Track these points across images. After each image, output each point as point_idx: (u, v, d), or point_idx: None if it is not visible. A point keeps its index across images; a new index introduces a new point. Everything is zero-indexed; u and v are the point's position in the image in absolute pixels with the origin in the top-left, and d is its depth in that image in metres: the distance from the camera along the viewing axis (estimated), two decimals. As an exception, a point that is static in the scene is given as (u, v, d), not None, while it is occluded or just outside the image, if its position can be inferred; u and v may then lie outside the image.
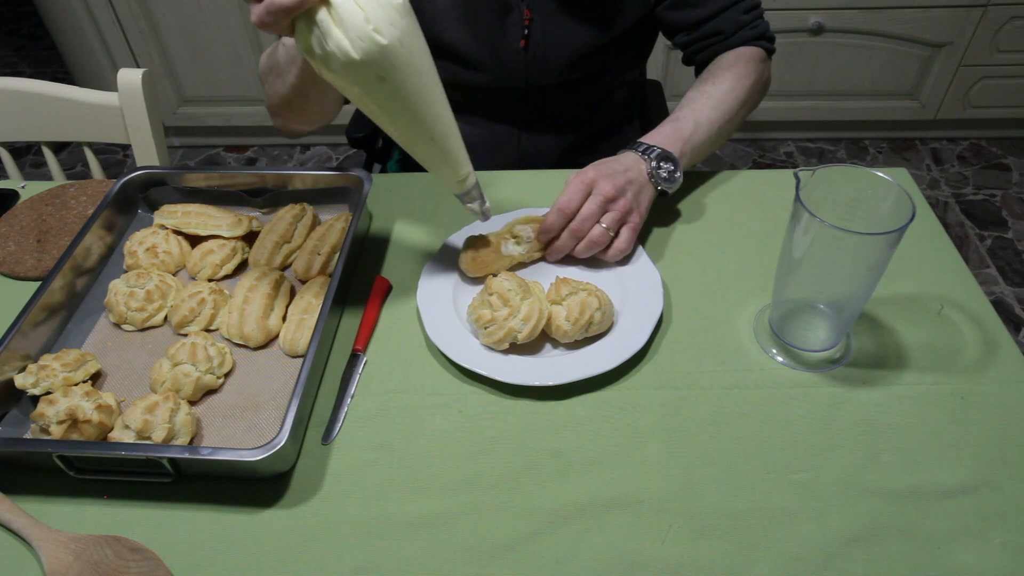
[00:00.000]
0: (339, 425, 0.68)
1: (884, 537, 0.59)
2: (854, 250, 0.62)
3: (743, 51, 0.95)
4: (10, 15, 3.24)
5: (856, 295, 0.67)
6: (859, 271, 0.64)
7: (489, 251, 0.79)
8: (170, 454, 0.61)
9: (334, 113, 0.91)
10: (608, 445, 0.66)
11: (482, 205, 0.76)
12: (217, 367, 0.71)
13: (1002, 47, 2.07)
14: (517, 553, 0.59)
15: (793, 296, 0.72)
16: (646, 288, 0.77)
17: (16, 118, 1.13)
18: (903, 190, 0.63)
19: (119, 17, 2.11)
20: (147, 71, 1.09)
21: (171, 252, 0.83)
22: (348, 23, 0.57)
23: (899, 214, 0.62)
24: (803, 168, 0.65)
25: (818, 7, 2.00)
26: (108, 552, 0.59)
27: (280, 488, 0.64)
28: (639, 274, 0.79)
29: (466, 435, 0.67)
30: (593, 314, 0.71)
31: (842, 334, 0.72)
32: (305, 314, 0.75)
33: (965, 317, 0.76)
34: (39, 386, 0.68)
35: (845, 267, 0.64)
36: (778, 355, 0.73)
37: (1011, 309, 1.85)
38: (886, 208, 0.64)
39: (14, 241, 0.88)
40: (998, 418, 0.67)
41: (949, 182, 2.23)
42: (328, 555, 0.59)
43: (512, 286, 0.72)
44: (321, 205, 0.90)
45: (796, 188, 0.63)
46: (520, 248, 0.80)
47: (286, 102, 0.85)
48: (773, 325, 0.74)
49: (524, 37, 0.95)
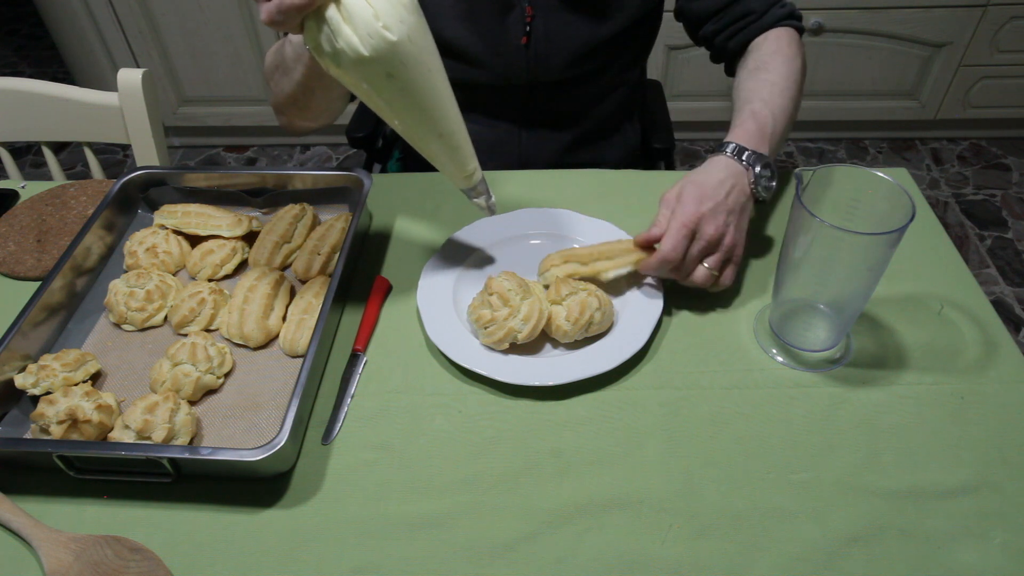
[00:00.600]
0: (339, 425, 0.68)
1: (884, 537, 0.59)
2: (854, 250, 0.62)
3: (780, 33, 0.90)
4: (10, 15, 3.24)
5: (856, 295, 0.67)
6: (859, 271, 0.64)
7: (584, 272, 0.76)
8: (170, 454, 0.61)
9: (340, 110, 0.91)
10: (608, 445, 0.66)
11: (488, 200, 0.76)
12: (217, 367, 0.71)
13: (1002, 47, 2.07)
14: (517, 553, 0.59)
15: (793, 296, 0.72)
16: (646, 288, 0.77)
17: (16, 118, 1.13)
18: (903, 190, 0.63)
19: (119, 17, 2.11)
20: (147, 71, 1.09)
21: (171, 252, 0.83)
22: (358, 20, 0.57)
23: (899, 214, 0.62)
24: (803, 168, 0.65)
25: (818, 7, 2.00)
26: (108, 552, 0.59)
27: (280, 488, 0.64)
28: (639, 274, 0.78)
29: (466, 435, 0.67)
30: (593, 314, 0.71)
31: (842, 334, 0.72)
32: (305, 314, 0.75)
33: (965, 317, 0.76)
34: (39, 386, 0.68)
35: (845, 267, 0.64)
36: (778, 355, 0.73)
37: (1011, 309, 1.85)
38: (886, 208, 0.64)
39: (14, 241, 0.88)
40: (998, 418, 0.67)
41: (949, 182, 2.23)
42: (328, 555, 0.59)
43: (512, 286, 0.72)
44: (321, 205, 0.90)
45: (796, 188, 0.63)
46: (622, 272, 0.77)
47: (291, 99, 0.85)
48: (773, 325, 0.74)
49: (526, 34, 0.94)
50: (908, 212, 0.61)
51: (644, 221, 0.81)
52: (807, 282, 0.68)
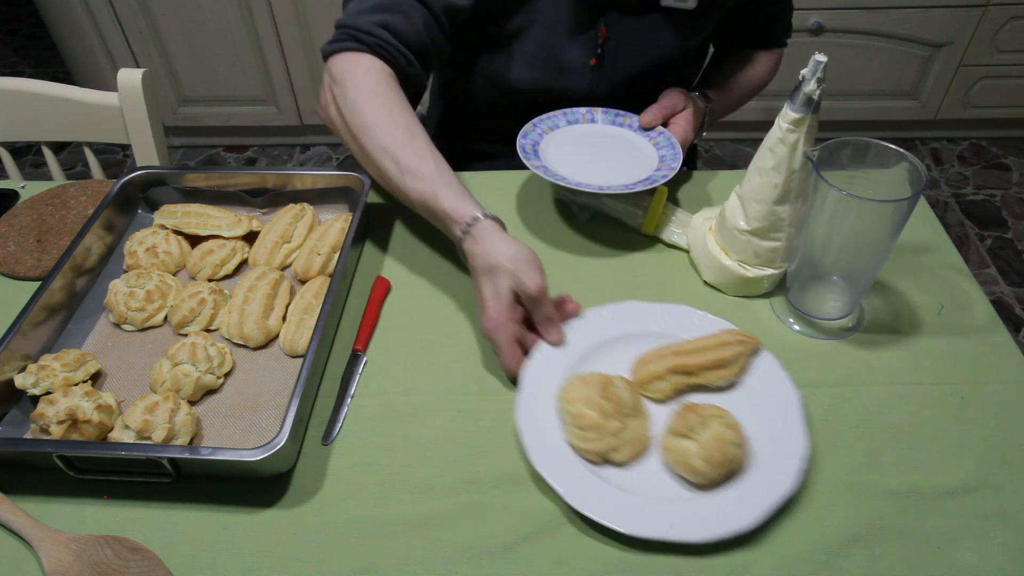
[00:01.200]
0: (339, 425, 0.68)
1: (884, 537, 0.59)
2: (870, 218, 0.64)
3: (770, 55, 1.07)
4: (10, 15, 3.24)
5: (871, 264, 0.70)
6: (872, 239, 0.67)
7: (692, 382, 0.68)
8: (170, 454, 0.61)
9: None
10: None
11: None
12: (217, 367, 0.71)
13: (1002, 47, 2.07)
14: (517, 553, 0.59)
15: (810, 266, 0.73)
16: (767, 385, 0.67)
17: (16, 118, 1.13)
18: (912, 160, 0.65)
19: (119, 17, 2.11)
20: (147, 71, 1.09)
21: (171, 252, 0.83)
22: None
23: (910, 183, 0.65)
24: (813, 148, 0.67)
25: (818, 7, 2.00)
26: (108, 552, 0.59)
27: (280, 488, 0.64)
28: (772, 390, 0.67)
29: (466, 435, 0.67)
30: (729, 449, 0.60)
31: (855, 303, 0.75)
32: (305, 314, 0.75)
33: (965, 317, 0.76)
34: (39, 386, 0.68)
35: (859, 236, 0.67)
36: (795, 324, 0.75)
37: (1011, 309, 1.85)
38: (896, 178, 0.66)
39: (14, 241, 0.88)
40: (998, 418, 0.67)
41: (949, 182, 2.23)
42: (328, 555, 0.59)
43: (627, 397, 0.64)
44: (321, 205, 0.90)
45: (814, 165, 0.65)
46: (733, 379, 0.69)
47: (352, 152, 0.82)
48: (790, 297, 0.76)
49: (596, 56, 0.93)
50: (920, 180, 0.63)
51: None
52: (823, 252, 0.70)
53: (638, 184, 0.81)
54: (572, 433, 0.63)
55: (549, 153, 0.87)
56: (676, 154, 0.86)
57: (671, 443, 0.62)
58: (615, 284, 0.81)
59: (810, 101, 0.65)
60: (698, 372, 0.67)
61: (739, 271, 0.76)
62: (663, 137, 0.89)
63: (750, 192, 0.73)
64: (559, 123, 0.92)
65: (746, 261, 0.76)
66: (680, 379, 0.67)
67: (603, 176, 0.83)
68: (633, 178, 0.83)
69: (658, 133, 0.90)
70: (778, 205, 0.71)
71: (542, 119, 0.91)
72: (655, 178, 0.82)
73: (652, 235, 0.85)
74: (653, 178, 0.82)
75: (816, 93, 0.65)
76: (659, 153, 0.88)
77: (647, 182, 0.82)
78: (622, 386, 0.64)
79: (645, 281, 0.81)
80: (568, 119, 0.92)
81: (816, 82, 0.64)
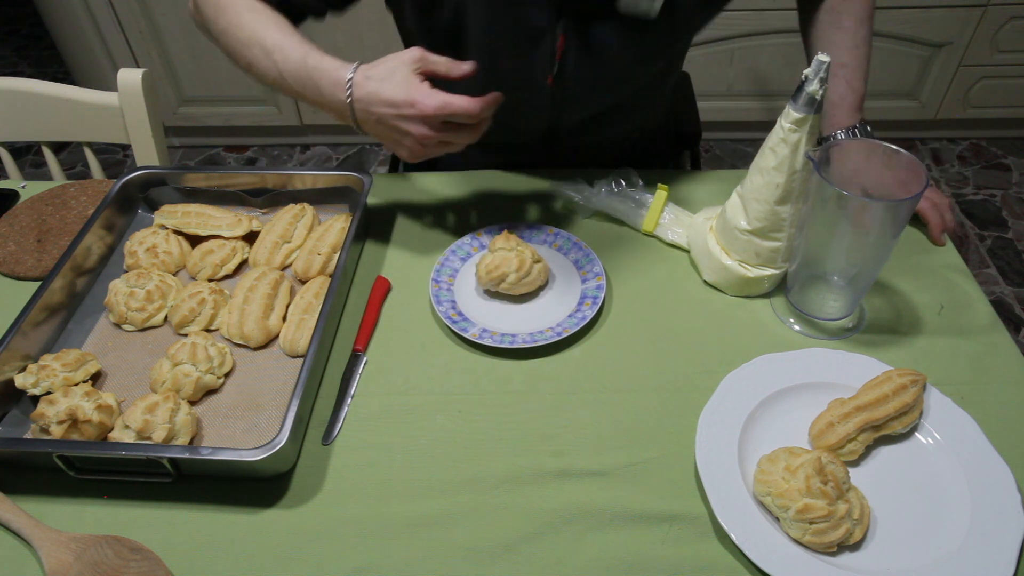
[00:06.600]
0: (339, 425, 0.68)
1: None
2: (870, 219, 0.65)
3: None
4: (10, 15, 3.24)
5: (870, 264, 0.70)
6: (873, 239, 0.67)
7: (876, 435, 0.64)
8: (170, 454, 0.61)
9: None
10: (609, 444, 0.66)
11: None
12: (217, 367, 0.71)
13: (1002, 47, 2.07)
14: (517, 553, 0.59)
15: (809, 267, 0.73)
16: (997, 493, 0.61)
17: (16, 118, 1.13)
18: (913, 159, 0.64)
19: (119, 17, 2.10)
20: (147, 71, 1.09)
21: (171, 252, 0.83)
22: None
23: (912, 183, 0.64)
24: (814, 148, 0.67)
25: (818, 7, 2.00)
26: (108, 552, 0.59)
27: (280, 488, 0.64)
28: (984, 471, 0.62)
29: (466, 435, 0.67)
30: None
31: (855, 304, 0.75)
32: (305, 314, 0.75)
33: (965, 317, 0.76)
34: (39, 386, 0.68)
35: (860, 236, 0.67)
36: (795, 324, 0.75)
37: (1011, 309, 1.85)
38: (896, 178, 0.66)
39: (14, 241, 0.88)
40: (998, 418, 0.67)
41: (949, 182, 2.23)
42: (328, 555, 0.59)
43: (841, 471, 0.59)
44: (321, 205, 0.90)
45: (815, 167, 0.65)
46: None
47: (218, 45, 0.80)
48: (790, 297, 0.76)
49: (552, 73, 0.82)
50: (922, 181, 0.63)
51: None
52: (824, 253, 0.70)
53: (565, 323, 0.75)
54: (798, 529, 0.57)
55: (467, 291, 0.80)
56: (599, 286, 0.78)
57: None
58: (615, 284, 0.81)
59: (812, 101, 0.65)
60: (885, 423, 0.64)
61: (740, 271, 0.76)
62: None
63: (751, 192, 0.73)
64: (456, 265, 0.82)
65: (747, 261, 0.76)
66: (869, 435, 0.63)
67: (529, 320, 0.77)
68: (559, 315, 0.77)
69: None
70: (779, 205, 0.71)
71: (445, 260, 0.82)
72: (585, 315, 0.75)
73: (652, 235, 0.85)
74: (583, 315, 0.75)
75: (819, 93, 0.65)
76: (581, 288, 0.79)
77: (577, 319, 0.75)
78: (831, 460, 0.59)
79: (645, 281, 0.81)
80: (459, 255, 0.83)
81: (819, 82, 0.64)
